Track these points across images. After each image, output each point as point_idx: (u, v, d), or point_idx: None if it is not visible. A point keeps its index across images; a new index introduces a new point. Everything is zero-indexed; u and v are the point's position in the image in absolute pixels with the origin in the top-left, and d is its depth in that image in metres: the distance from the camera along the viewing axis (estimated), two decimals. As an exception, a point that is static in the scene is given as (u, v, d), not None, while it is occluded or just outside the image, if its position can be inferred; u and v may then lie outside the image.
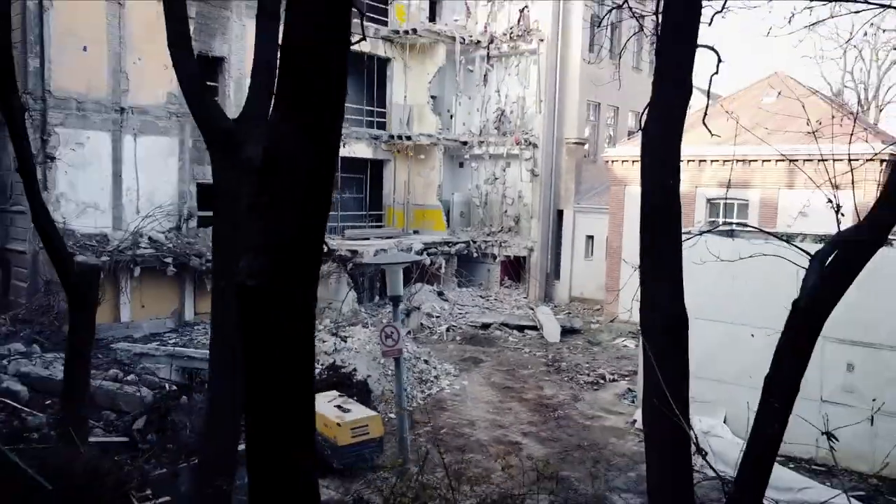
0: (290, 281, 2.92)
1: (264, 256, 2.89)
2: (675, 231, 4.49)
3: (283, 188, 2.86)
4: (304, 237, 2.94)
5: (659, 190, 4.47)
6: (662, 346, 4.35)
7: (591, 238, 25.43)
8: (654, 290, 4.47)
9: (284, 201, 2.87)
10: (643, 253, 4.64)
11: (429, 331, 20.64)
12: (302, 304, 2.98)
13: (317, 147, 2.88)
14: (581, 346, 19.97)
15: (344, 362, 14.32)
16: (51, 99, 17.79)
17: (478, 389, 15.49)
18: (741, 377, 12.37)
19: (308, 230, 2.96)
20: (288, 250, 2.90)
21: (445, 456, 11.59)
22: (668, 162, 4.46)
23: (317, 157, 2.89)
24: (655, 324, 4.47)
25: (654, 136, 4.50)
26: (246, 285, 2.88)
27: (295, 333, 2.97)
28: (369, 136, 25.45)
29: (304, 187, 2.88)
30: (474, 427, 13.04)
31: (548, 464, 9.25)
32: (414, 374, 15.31)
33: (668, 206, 4.50)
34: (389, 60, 26.60)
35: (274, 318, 2.91)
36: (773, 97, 21.18)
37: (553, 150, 26.52)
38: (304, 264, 2.96)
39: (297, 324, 2.97)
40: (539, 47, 26.09)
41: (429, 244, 24.15)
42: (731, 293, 11.92)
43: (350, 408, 10.83)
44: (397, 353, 7.04)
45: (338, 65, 2.89)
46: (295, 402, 3.02)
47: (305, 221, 2.93)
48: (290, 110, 2.84)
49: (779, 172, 19.89)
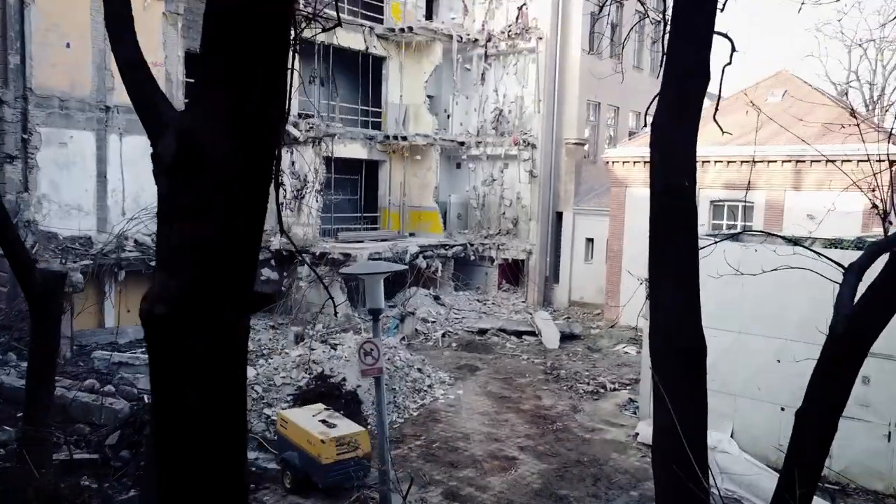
0: (210, 307, 2.30)
1: (177, 276, 2.28)
2: (691, 241, 3.83)
3: (201, 189, 2.25)
4: (229, 251, 2.33)
5: (671, 193, 3.83)
6: (676, 380, 3.70)
7: (591, 241, 24.83)
8: (666, 311, 3.81)
9: (202, 206, 2.25)
10: (653, 266, 3.99)
11: (424, 337, 20.02)
12: (227, 335, 2.37)
13: (243, 137, 2.26)
14: (581, 352, 19.35)
15: (333, 371, 13.70)
16: (32, 97, 17.19)
17: (473, 399, 14.87)
18: (749, 388, 11.77)
19: (235, 242, 2.34)
20: (208, 268, 2.29)
21: (437, 473, 11.03)
22: (682, 161, 3.82)
23: (243, 149, 2.27)
24: (668, 352, 3.82)
25: (666, 131, 3.86)
26: (153, 313, 2.27)
27: (217, 373, 2.36)
28: (364, 136, 24.84)
29: (228, 188, 2.27)
30: (469, 441, 12.42)
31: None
32: (407, 384, 14.68)
33: (681, 211, 3.85)
34: (385, 59, 26.00)
35: (188, 355, 2.30)
36: (779, 97, 20.61)
37: (552, 150, 25.92)
38: (229, 285, 2.34)
39: (219, 360, 2.36)
40: (538, 45, 25.49)
41: (425, 247, 23.54)
42: (738, 300, 11.31)
43: (336, 422, 10.20)
44: (377, 373, 6.40)
45: (273, 31, 2.28)
46: (217, 466, 2.40)
47: (230, 231, 2.32)
48: (211, 89, 2.24)
49: (785, 173, 19.28)
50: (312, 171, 22.27)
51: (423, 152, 26.22)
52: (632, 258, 20.83)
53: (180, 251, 2.28)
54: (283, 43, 2.33)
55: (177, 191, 2.29)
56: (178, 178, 2.29)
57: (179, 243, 2.28)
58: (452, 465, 11.34)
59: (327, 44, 23.07)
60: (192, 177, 2.25)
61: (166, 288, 2.27)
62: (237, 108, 2.24)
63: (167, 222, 2.31)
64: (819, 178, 18.67)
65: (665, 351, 3.79)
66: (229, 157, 2.26)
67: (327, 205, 23.89)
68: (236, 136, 2.26)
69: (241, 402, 2.49)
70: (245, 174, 2.30)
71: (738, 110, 19.55)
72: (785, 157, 19.04)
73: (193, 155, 2.26)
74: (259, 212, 2.41)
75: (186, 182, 2.27)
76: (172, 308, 2.26)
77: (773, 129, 19.94)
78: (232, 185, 2.27)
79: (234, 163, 2.27)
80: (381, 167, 26.24)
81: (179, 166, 2.28)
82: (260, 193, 2.38)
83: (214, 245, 2.27)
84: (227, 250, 2.30)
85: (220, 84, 2.23)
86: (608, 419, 13.83)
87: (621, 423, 13.59)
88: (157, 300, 2.27)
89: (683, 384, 3.69)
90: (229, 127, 2.23)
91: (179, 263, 2.27)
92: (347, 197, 26.64)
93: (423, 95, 26.47)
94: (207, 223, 2.26)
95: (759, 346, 11.52)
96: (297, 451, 10.11)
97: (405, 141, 25.20)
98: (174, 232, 2.28)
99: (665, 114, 3.84)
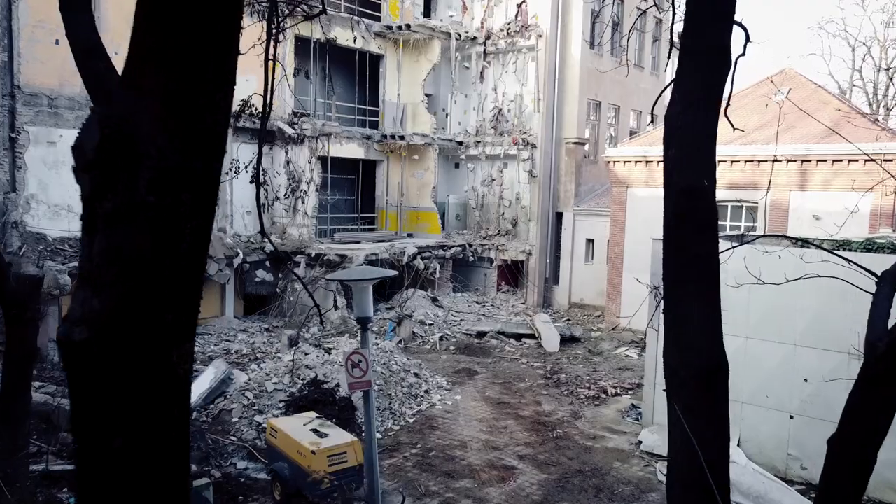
0: (142, 332, 1.91)
1: (102, 295, 1.88)
2: (711, 248, 3.41)
3: (131, 189, 1.85)
4: (166, 264, 1.93)
5: (688, 193, 3.41)
6: (695, 404, 3.28)
7: (592, 242, 24.45)
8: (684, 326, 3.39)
9: (133, 210, 1.85)
10: (668, 275, 3.56)
11: (421, 340, 19.61)
12: (162, 366, 1.97)
13: (184, 127, 1.87)
14: (581, 356, 18.94)
15: (327, 377, 13.30)
16: (20, 95, 16.79)
17: (471, 405, 14.46)
18: (757, 396, 11.37)
19: (173, 253, 1.94)
20: (140, 284, 1.89)
21: (433, 484, 10.62)
22: (701, 157, 3.40)
23: (183, 141, 1.87)
24: (686, 373, 3.38)
25: (682, 124, 3.43)
26: (71, 338, 1.87)
27: (151, 412, 1.96)
28: (361, 135, 24.43)
29: (164, 188, 1.87)
30: (466, 449, 12.01)
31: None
32: (403, 389, 14.27)
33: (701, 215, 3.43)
34: (382, 57, 25.59)
35: (115, 389, 1.90)
36: (783, 95, 20.20)
37: (552, 150, 25.52)
38: (166, 305, 1.94)
39: (154, 397, 1.96)
40: (537, 43, 25.09)
41: (423, 248, 23.14)
42: (745, 303, 10.91)
43: (327, 432, 9.79)
44: (366, 386, 5.98)
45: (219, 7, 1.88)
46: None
47: (168, 240, 1.92)
48: (143, 65, 1.84)
49: (790, 173, 18.88)
50: (308, 171, 21.87)
51: (421, 152, 25.82)
52: (633, 259, 20.43)
53: (106, 264, 1.88)
54: (233, 11, 1.93)
55: (101, 191, 1.89)
56: (102, 176, 1.88)
57: (104, 255, 1.88)
58: (449, 476, 10.94)
59: (324, 41, 22.68)
60: (119, 174, 1.86)
61: (89, 308, 1.87)
62: (176, 91, 1.84)
63: (91, 230, 1.91)
64: (825, 178, 18.29)
65: (683, 372, 3.36)
66: (165, 149, 1.86)
67: (323, 205, 23.48)
68: (175, 124, 1.86)
69: (182, 447, 2.09)
70: (185, 171, 1.90)
71: (741, 108, 19.16)
72: (790, 157, 18.64)
73: (121, 147, 1.86)
74: (204, 216, 2.01)
75: (113, 180, 1.87)
76: (96, 332, 1.87)
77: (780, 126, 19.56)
78: (169, 184, 1.87)
79: (171, 157, 1.87)
80: (379, 167, 25.84)
81: (104, 161, 1.88)
82: (204, 194, 1.98)
83: (147, 257, 1.87)
84: (164, 263, 1.90)
85: (155, 60, 1.83)
86: (610, 426, 13.42)
87: (623, 430, 13.19)
88: (78, 322, 1.88)
89: (704, 409, 3.27)
90: (166, 113, 1.83)
91: (104, 279, 1.88)
92: (344, 197, 26.23)
93: (421, 94, 26.07)
94: (139, 230, 1.86)
95: (767, 352, 11.12)
96: (286, 462, 9.71)
97: (403, 140, 24.80)
98: (97, 241, 1.88)
99: (681, 104, 3.42)
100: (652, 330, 4.62)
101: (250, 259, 20.46)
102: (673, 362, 3.36)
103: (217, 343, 18.26)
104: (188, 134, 1.89)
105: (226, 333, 19.19)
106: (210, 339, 18.51)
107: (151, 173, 1.85)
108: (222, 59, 1.92)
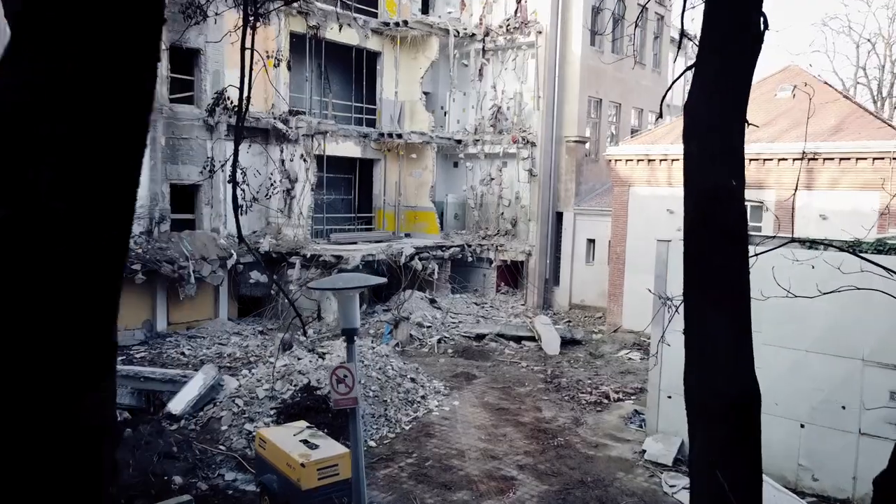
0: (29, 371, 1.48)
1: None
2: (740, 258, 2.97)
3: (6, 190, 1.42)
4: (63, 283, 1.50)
5: (713, 195, 2.97)
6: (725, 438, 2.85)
7: (593, 242, 24.01)
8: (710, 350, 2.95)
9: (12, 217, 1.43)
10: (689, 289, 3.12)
11: (419, 343, 19.18)
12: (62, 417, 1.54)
13: (83, 114, 1.44)
14: (582, 359, 18.52)
15: (320, 383, 12.86)
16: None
17: (469, 411, 14.04)
18: (765, 402, 10.92)
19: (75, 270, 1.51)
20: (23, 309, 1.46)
21: (429, 496, 10.19)
22: (727, 154, 2.97)
23: (83, 132, 1.45)
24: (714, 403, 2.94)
25: (704, 117, 2.99)
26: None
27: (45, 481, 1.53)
28: (358, 133, 23.97)
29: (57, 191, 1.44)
30: (464, 458, 11.59)
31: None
32: (399, 395, 13.84)
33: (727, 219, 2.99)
34: (379, 54, 25.14)
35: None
36: (788, 91, 19.79)
37: (552, 148, 25.08)
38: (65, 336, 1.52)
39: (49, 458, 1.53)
40: (537, 40, 24.65)
41: (421, 248, 22.70)
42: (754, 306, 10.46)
43: (318, 443, 9.36)
44: (352, 404, 5.54)
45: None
46: None
47: (65, 255, 1.49)
48: (24, 34, 1.41)
49: (796, 172, 18.43)
50: (303, 170, 21.43)
51: (419, 150, 25.38)
52: (635, 260, 20.00)
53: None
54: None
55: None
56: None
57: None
58: (446, 487, 10.51)
59: (319, 38, 22.24)
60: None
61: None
62: (66, 67, 1.41)
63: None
64: (832, 177, 17.86)
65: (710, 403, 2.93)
66: (60, 141, 1.44)
67: (319, 205, 23.04)
68: (71, 111, 1.44)
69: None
70: (88, 169, 1.48)
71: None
72: (797, 155, 18.20)
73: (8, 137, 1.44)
74: (118, 223, 1.58)
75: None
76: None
77: (782, 125, 19.15)
78: (65, 185, 1.45)
79: (67, 150, 1.44)
80: (376, 166, 25.40)
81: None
82: (113, 199, 1.55)
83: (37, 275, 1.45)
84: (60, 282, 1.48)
85: (39, 27, 1.41)
86: (612, 433, 13.00)
87: (627, 437, 12.77)
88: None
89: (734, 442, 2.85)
90: (54, 95, 1.41)
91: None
92: (341, 197, 25.78)
93: (419, 92, 25.62)
94: (24, 242, 1.44)
95: (777, 358, 10.69)
96: (275, 475, 9.28)
97: (400, 139, 24.36)
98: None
99: (702, 94, 2.99)
100: (666, 345, 4.24)
101: (244, 260, 20.02)
102: (698, 394, 2.90)
103: (209, 346, 17.83)
104: (89, 122, 1.46)
105: (219, 336, 18.76)
106: (202, 343, 18.08)
107: (36, 171, 1.43)
108: (135, 33, 1.50)
